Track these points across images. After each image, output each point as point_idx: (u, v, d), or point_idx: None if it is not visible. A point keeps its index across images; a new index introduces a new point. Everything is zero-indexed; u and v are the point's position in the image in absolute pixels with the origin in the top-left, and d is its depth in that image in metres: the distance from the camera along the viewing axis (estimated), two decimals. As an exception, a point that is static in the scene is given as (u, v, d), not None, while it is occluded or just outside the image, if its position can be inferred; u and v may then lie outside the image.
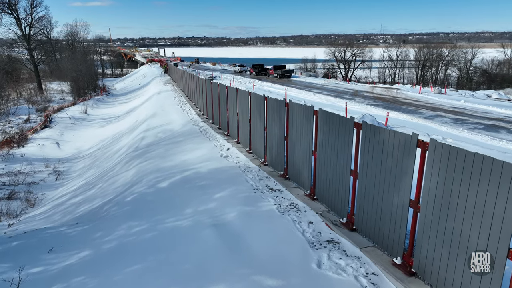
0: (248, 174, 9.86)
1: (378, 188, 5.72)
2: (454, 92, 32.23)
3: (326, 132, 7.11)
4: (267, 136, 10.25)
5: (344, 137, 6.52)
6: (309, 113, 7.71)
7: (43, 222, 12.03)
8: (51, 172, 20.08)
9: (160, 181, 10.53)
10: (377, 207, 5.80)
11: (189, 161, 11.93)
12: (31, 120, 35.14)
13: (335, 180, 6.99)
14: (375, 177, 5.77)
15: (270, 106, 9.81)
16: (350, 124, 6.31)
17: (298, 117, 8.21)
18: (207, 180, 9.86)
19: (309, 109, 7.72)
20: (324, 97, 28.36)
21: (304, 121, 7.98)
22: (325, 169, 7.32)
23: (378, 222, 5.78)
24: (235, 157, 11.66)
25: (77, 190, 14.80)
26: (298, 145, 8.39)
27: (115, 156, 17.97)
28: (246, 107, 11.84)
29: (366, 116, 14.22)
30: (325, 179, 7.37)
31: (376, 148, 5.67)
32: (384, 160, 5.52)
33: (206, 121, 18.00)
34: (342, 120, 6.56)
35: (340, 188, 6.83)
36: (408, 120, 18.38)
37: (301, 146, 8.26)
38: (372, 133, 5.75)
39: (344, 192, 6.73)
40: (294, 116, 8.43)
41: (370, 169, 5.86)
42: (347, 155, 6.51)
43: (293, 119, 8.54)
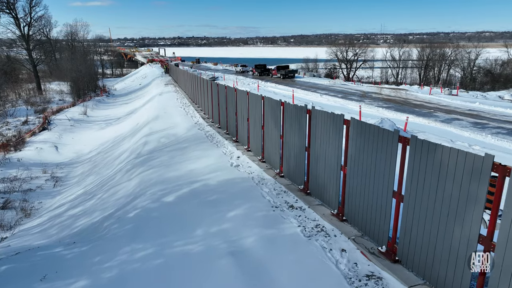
0: (264, 188, 8.92)
1: (432, 217, 4.77)
2: (464, 94, 31.29)
3: (360, 145, 6.16)
4: (284, 145, 9.30)
5: (385, 153, 5.57)
6: (338, 123, 6.76)
7: (38, 237, 11.10)
8: (49, 178, 19.15)
9: (166, 194, 9.58)
10: (429, 239, 4.85)
11: (197, 170, 10.98)
12: (29, 122, 34.21)
13: (371, 201, 6.04)
14: (427, 203, 4.83)
15: (287, 113, 8.87)
16: (394, 138, 5.37)
17: (324, 126, 7.27)
18: (217, 194, 8.92)
19: (337, 118, 6.78)
20: (332, 98, 27.41)
21: (331, 131, 7.03)
22: (358, 187, 6.37)
23: (432, 258, 4.83)
24: (246, 166, 10.72)
25: (75, 200, 13.86)
26: (323, 158, 7.44)
27: (115, 162, 17.03)
28: (258, 113, 10.90)
29: (385, 121, 13.30)
30: (357, 198, 6.42)
31: (430, 169, 4.72)
32: (441, 183, 4.58)
33: (212, 125, 17.05)
34: (382, 133, 5.61)
35: (378, 210, 5.89)
36: (425, 124, 17.42)
37: (326, 159, 7.32)
38: (424, 150, 4.80)
39: (382, 215, 5.79)
40: (318, 125, 7.48)
41: (421, 193, 4.92)
42: (388, 174, 5.57)
43: (316, 128, 7.59)
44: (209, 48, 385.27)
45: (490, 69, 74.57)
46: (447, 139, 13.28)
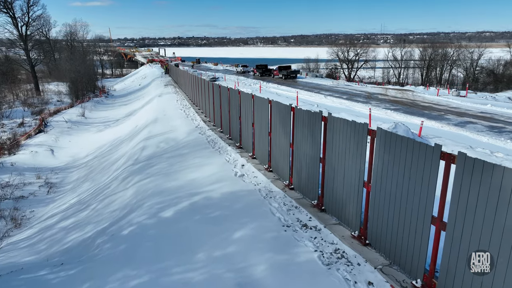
0: (272, 202, 8.05)
1: (490, 250, 3.91)
2: (473, 95, 30.42)
3: (389, 160, 5.30)
4: (295, 154, 8.44)
5: (421, 171, 4.71)
6: (361, 133, 5.90)
7: (26, 252, 10.24)
8: (43, 184, 18.28)
9: (164, 208, 8.72)
10: (482, 280, 3.99)
11: (198, 181, 10.12)
12: (26, 124, 33.34)
13: (402, 225, 5.18)
14: (480, 236, 3.97)
15: (299, 119, 8.01)
16: (434, 155, 4.50)
17: (343, 135, 6.40)
18: (221, 209, 8.05)
19: (360, 128, 5.91)
20: (337, 100, 26.53)
21: (351, 141, 6.17)
22: (385, 208, 5.51)
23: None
24: (252, 176, 9.85)
25: (68, 209, 13.00)
26: (341, 171, 6.58)
27: (112, 168, 16.17)
28: (265, 117, 10.03)
29: (399, 126, 12.42)
30: (384, 221, 5.56)
31: (485, 194, 3.86)
32: (500, 214, 3.72)
33: (214, 129, 16.18)
34: (419, 148, 4.74)
35: (411, 237, 5.02)
36: (438, 128, 16.55)
37: (346, 173, 6.45)
38: (477, 171, 3.94)
39: (417, 243, 4.92)
40: (336, 134, 6.62)
41: (471, 223, 4.05)
42: (426, 197, 4.70)
43: (333, 138, 6.73)
44: (209, 48, 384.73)
45: (492, 69, 73.79)
46: (465, 145, 12.41)
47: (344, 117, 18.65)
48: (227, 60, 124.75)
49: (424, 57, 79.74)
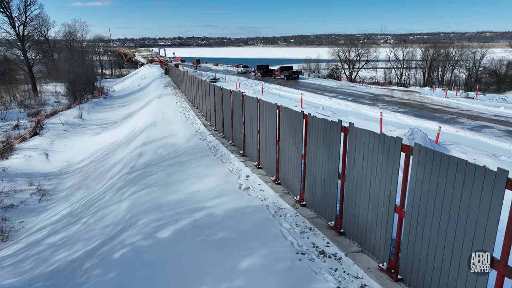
0: (283, 222, 7.13)
1: None
2: (481, 96, 29.52)
3: (430, 183, 4.38)
4: (307, 167, 7.52)
5: (477, 200, 3.79)
6: (393, 149, 4.98)
7: (9, 272, 9.32)
8: (35, 191, 17.34)
9: (161, 226, 7.80)
10: None
11: (199, 194, 9.20)
12: (21, 126, 32.37)
13: (448, 264, 4.26)
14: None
15: (312, 128, 7.09)
16: (498, 181, 3.58)
17: (368, 150, 5.48)
18: (225, 230, 7.13)
19: (391, 142, 4.99)
20: (342, 102, 25.62)
21: (379, 158, 5.25)
22: (424, 238, 4.59)
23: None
24: (258, 190, 8.93)
25: (59, 222, 12.08)
26: (365, 192, 5.66)
27: (107, 175, 15.25)
28: (273, 124, 9.11)
29: (415, 132, 11.49)
30: (423, 254, 4.64)
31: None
32: None
33: (215, 135, 15.26)
34: (474, 171, 3.82)
35: (463, 280, 4.10)
36: (453, 132, 15.64)
37: (371, 194, 5.54)
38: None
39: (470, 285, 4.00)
40: (359, 148, 5.70)
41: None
42: (480, 230, 3.79)
43: (356, 152, 5.81)
44: (209, 48, 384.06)
45: (495, 69, 73.03)
46: (487, 153, 11.50)
47: (352, 120, 17.74)
48: (227, 60, 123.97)
49: (426, 58, 78.97)
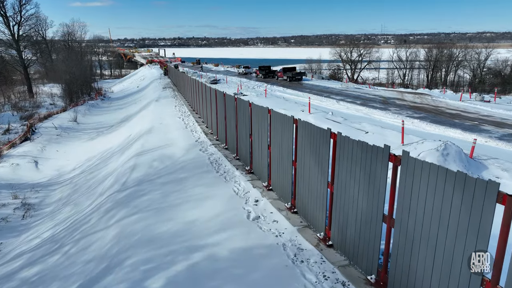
0: (306, 272, 5.57)
1: None
2: (498, 99, 27.98)
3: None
4: (335, 199, 5.98)
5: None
6: (471, 191, 3.44)
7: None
8: (19, 205, 15.83)
9: (152, 272, 6.25)
10: None
11: (198, 224, 7.66)
12: (12, 130, 30.82)
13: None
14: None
15: (344, 151, 5.55)
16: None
17: (431, 188, 3.94)
18: (233, 283, 5.58)
19: (469, 183, 3.45)
20: (352, 106, 24.08)
21: (455, 204, 3.71)
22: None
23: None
24: (271, 220, 7.39)
25: (38, 248, 10.53)
26: (424, 241, 4.11)
27: (97, 190, 13.72)
28: (288, 141, 7.58)
29: (449, 147, 9.94)
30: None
31: None
32: None
33: (217, 145, 13.72)
34: None
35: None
36: (482, 143, 14.08)
37: (437, 246, 3.99)
38: None
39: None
40: (418, 184, 4.16)
41: None
42: None
43: (413, 190, 4.27)
44: (209, 48, 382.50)
45: (500, 70, 71.71)
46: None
47: (366, 128, 16.07)
48: (228, 60, 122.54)
49: (429, 58, 77.62)
